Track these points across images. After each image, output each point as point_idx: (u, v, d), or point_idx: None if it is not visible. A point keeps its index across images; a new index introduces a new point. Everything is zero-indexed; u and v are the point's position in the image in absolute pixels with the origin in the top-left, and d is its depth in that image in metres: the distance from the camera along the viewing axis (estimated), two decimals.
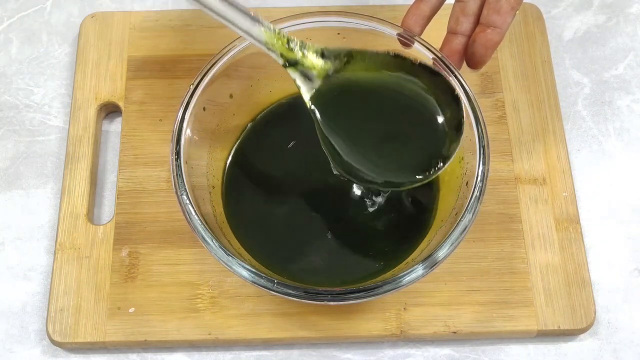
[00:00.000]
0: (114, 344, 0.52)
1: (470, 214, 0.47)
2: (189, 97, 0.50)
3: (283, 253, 0.52)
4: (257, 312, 0.52)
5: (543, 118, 0.59)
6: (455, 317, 0.52)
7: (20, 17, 0.65)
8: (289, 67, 0.48)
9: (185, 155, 0.49)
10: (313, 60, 0.48)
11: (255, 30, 0.46)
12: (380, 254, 0.52)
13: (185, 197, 0.47)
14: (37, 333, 0.54)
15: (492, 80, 0.60)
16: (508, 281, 0.53)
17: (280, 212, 0.53)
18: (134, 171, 0.57)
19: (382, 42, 0.53)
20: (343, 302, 0.45)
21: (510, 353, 0.53)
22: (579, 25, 0.65)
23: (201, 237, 0.46)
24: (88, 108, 0.59)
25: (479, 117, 0.49)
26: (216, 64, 0.51)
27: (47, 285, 0.55)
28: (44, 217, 0.57)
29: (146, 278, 0.53)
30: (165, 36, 0.61)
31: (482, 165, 0.48)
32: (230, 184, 0.54)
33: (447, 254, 0.46)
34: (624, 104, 0.61)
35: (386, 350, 0.53)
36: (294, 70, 0.48)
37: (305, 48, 0.48)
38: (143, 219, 0.55)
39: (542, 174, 0.57)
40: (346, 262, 0.52)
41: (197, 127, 0.51)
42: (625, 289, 0.55)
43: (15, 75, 0.62)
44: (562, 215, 0.55)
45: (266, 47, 0.47)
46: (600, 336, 0.54)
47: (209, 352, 0.53)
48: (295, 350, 0.53)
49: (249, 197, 0.53)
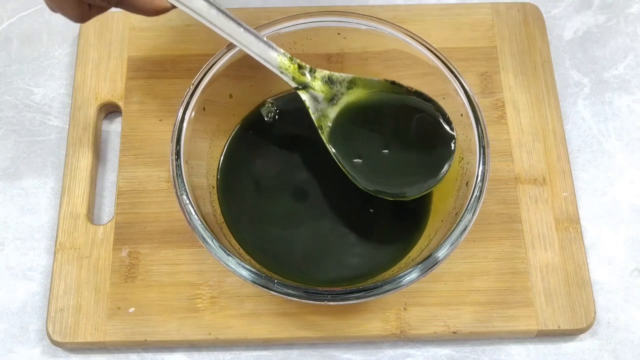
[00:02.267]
0: (114, 344, 0.52)
1: (470, 214, 0.47)
2: (189, 97, 0.50)
3: (283, 253, 0.52)
4: (257, 312, 0.52)
5: (543, 118, 0.59)
6: (455, 317, 0.52)
7: (20, 17, 0.65)
8: (301, 90, 0.51)
9: (185, 155, 0.49)
10: (320, 84, 0.51)
11: (271, 54, 0.50)
12: (381, 253, 0.52)
13: (185, 197, 0.47)
14: (37, 333, 0.54)
15: (492, 80, 0.60)
16: (508, 281, 0.53)
17: (279, 212, 0.53)
18: (134, 171, 0.57)
19: (382, 42, 0.53)
20: (343, 302, 0.45)
21: (510, 353, 0.53)
22: (579, 25, 0.65)
23: (201, 237, 0.47)
24: (88, 108, 0.59)
25: (479, 117, 0.49)
26: (216, 64, 0.51)
27: (47, 285, 0.55)
28: (44, 217, 0.57)
29: (146, 278, 0.53)
30: (165, 36, 0.61)
31: (482, 165, 0.48)
32: (230, 184, 0.54)
33: (447, 254, 0.46)
34: (624, 104, 0.61)
35: (386, 350, 0.53)
36: (304, 93, 0.51)
37: (314, 72, 0.51)
38: (143, 219, 0.55)
39: (542, 174, 0.57)
40: (346, 261, 0.52)
41: (197, 127, 0.51)
42: (625, 289, 0.55)
43: (15, 75, 0.62)
44: (562, 215, 0.55)
45: (279, 70, 0.50)
46: (600, 336, 0.54)
47: (209, 352, 0.53)
48: (295, 350, 0.53)
49: (248, 197, 0.53)
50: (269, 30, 0.52)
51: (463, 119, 0.50)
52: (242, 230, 0.52)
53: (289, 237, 0.52)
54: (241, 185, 0.54)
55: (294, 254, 0.52)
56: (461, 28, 0.62)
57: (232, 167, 0.54)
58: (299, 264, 0.51)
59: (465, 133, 0.50)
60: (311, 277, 0.50)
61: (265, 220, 0.53)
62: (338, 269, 0.51)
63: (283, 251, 0.52)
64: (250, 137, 0.55)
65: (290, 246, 0.52)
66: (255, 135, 0.55)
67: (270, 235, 0.52)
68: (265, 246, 0.52)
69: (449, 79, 0.51)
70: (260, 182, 0.54)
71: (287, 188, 0.54)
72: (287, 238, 0.52)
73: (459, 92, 0.50)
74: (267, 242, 0.52)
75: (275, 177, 0.54)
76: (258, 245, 0.52)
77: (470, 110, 0.50)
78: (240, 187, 0.54)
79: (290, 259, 0.51)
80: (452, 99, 0.51)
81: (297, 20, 0.52)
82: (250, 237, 0.52)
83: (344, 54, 0.55)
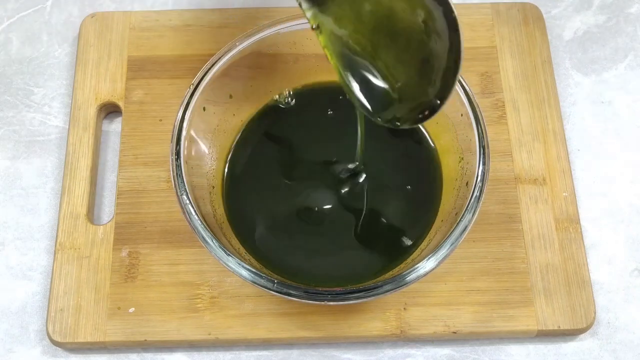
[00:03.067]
0: (114, 344, 0.52)
1: (470, 214, 0.47)
2: (189, 97, 0.50)
3: (283, 253, 0.52)
4: (257, 312, 0.52)
5: (543, 118, 0.59)
6: (455, 317, 0.52)
7: (20, 17, 0.65)
8: None
9: (185, 155, 0.49)
10: None
11: None
12: (381, 253, 0.52)
13: (185, 197, 0.47)
14: (37, 333, 0.54)
15: (492, 80, 0.60)
16: (508, 281, 0.53)
17: (280, 212, 0.53)
18: (134, 171, 0.57)
19: None
20: (343, 302, 0.45)
21: (510, 353, 0.53)
22: (579, 25, 0.65)
23: (201, 237, 0.47)
24: (88, 108, 0.59)
25: (479, 117, 0.49)
26: (216, 64, 0.51)
27: (47, 285, 0.55)
28: (44, 217, 0.57)
29: (146, 278, 0.53)
30: (165, 36, 0.61)
31: (482, 165, 0.48)
32: (230, 184, 0.54)
33: (447, 254, 0.46)
34: (624, 104, 0.61)
35: (386, 350, 0.53)
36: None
37: None
38: (143, 219, 0.55)
39: (542, 174, 0.57)
40: (346, 261, 0.52)
41: (197, 127, 0.51)
42: (625, 289, 0.55)
43: (15, 75, 0.62)
44: (562, 215, 0.55)
45: None
46: (600, 336, 0.54)
47: (209, 352, 0.53)
48: (295, 350, 0.53)
49: (249, 197, 0.53)
50: (269, 30, 0.52)
51: (463, 119, 0.50)
52: (243, 230, 0.52)
53: (290, 237, 0.52)
54: (243, 185, 0.54)
55: (295, 254, 0.52)
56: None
57: (235, 166, 0.54)
58: (299, 264, 0.51)
59: (465, 133, 0.50)
60: (311, 277, 0.50)
61: (266, 220, 0.53)
62: (338, 269, 0.51)
63: (283, 251, 0.52)
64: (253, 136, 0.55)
65: (291, 246, 0.52)
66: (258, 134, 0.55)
67: (270, 235, 0.52)
68: (265, 246, 0.52)
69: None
70: (262, 182, 0.54)
71: (288, 188, 0.54)
72: (288, 238, 0.52)
73: (459, 92, 0.50)
74: (268, 242, 0.52)
75: (277, 178, 0.54)
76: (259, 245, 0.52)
77: (470, 110, 0.50)
78: (241, 187, 0.54)
79: (290, 259, 0.51)
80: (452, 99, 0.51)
81: (297, 20, 0.52)
82: (252, 237, 0.52)
83: None
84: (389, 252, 0.52)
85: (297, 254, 0.52)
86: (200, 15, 0.62)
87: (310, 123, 0.55)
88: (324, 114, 0.56)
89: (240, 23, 0.61)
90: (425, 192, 0.53)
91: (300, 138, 0.55)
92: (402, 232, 0.52)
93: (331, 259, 0.52)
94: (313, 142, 0.55)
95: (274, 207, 0.53)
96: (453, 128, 0.52)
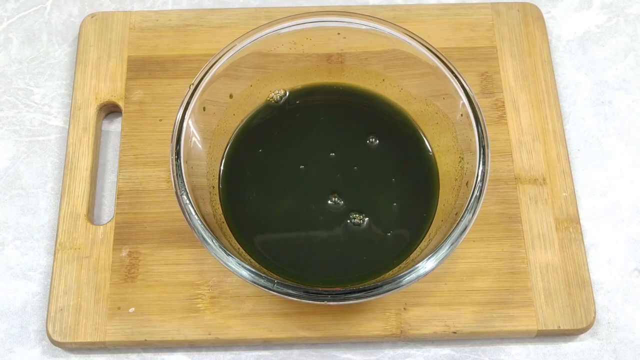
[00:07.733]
0: (114, 344, 0.52)
1: (470, 214, 0.47)
2: (189, 97, 0.50)
3: (283, 253, 0.52)
4: (257, 312, 0.52)
5: (543, 118, 0.59)
6: (455, 317, 0.52)
7: (20, 17, 0.65)
8: None
9: (185, 155, 0.49)
10: None
11: None
12: (381, 253, 0.52)
13: (185, 197, 0.47)
14: (37, 333, 0.54)
15: (492, 80, 0.60)
16: (508, 281, 0.53)
17: (280, 211, 0.53)
18: (134, 171, 0.57)
19: (382, 42, 0.53)
20: (343, 302, 0.45)
21: (510, 353, 0.53)
22: (579, 25, 0.65)
23: (201, 237, 0.47)
24: (88, 108, 0.59)
25: (479, 117, 0.49)
26: (216, 64, 0.51)
27: (47, 285, 0.55)
28: (44, 217, 0.57)
29: (146, 278, 0.53)
30: (165, 36, 0.61)
31: (482, 165, 0.48)
32: (230, 184, 0.54)
33: (447, 254, 0.46)
34: (624, 104, 0.61)
35: (386, 350, 0.53)
36: None
37: None
38: (143, 219, 0.55)
39: (542, 174, 0.57)
40: (346, 261, 0.52)
41: (197, 127, 0.51)
42: (625, 289, 0.55)
43: (15, 75, 0.62)
44: (562, 215, 0.55)
45: None
46: (600, 336, 0.54)
47: (209, 352, 0.53)
48: (295, 350, 0.53)
49: (248, 197, 0.53)
50: (269, 30, 0.52)
51: (463, 119, 0.50)
52: (243, 230, 0.52)
53: (290, 237, 0.52)
54: (243, 184, 0.54)
55: (295, 254, 0.52)
56: (461, 28, 0.62)
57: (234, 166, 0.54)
58: (299, 263, 0.51)
59: (465, 133, 0.50)
60: (311, 277, 0.50)
61: (266, 220, 0.53)
62: (338, 269, 0.51)
63: (283, 251, 0.52)
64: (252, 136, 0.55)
65: (291, 246, 0.52)
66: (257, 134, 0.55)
67: (270, 235, 0.52)
68: (265, 246, 0.52)
69: (449, 79, 0.51)
70: (262, 182, 0.54)
71: (288, 188, 0.54)
72: (288, 238, 0.52)
73: (459, 92, 0.50)
74: (267, 242, 0.52)
75: (277, 178, 0.54)
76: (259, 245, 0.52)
77: (470, 110, 0.50)
78: (241, 187, 0.54)
79: (290, 259, 0.51)
80: (452, 99, 0.51)
81: (297, 20, 0.52)
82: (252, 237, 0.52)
83: (344, 54, 0.55)
84: (389, 252, 0.52)
85: (298, 254, 0.52)
86: (200, 15, 0.62)
87: (310, 123, 0.55)
88: (323, 114, 0.56)
89: (240, 23, 0.61)
90: (425, 192, 0.53)
91: (301, 138, 0.55)
92: (402, 232, 0.52)
93: (331, 259, 0.52)
94: (313, 141, 0.55)
95: (274, 207, 0.53)
96: (453, 128, 0.52)
